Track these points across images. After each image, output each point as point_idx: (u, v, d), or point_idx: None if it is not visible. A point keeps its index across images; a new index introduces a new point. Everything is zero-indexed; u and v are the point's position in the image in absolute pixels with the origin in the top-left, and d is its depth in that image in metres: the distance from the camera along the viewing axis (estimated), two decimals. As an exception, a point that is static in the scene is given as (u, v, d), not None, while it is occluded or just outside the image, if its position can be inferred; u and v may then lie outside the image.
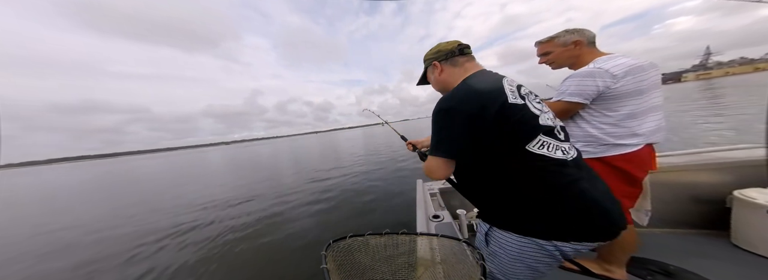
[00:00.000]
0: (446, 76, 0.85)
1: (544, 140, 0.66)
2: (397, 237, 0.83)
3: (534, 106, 0.70)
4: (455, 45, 0.85)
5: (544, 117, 0.69)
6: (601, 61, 1.06)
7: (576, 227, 0.63)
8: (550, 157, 0.65)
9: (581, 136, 1.15)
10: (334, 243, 0.76)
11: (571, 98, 1.07)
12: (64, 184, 17.68)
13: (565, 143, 0.71)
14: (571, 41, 1.16)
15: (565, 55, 1.20)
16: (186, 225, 4.50)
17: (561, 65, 1.25)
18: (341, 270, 0.72)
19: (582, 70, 1.08)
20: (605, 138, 1.10)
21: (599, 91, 1.03)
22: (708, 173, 1.43)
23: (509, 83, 0.72)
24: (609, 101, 1.06)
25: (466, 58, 0.85)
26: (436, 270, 0.78)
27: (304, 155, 17.22)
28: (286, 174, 9.43)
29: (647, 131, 1.08)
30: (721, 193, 1.37)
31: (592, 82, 1.03)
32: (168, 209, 5.94)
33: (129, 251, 3.60)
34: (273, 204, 5.15)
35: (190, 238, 3.86)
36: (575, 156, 0.71)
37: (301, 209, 4.58)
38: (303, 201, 5.13)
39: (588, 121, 1.13)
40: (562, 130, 0.75)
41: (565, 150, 0.69)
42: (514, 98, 0.67)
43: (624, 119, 1.07)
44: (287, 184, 7.21)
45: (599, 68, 1.04)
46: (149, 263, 3.13)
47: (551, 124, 0.70)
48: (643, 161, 1.10)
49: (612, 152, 1.10)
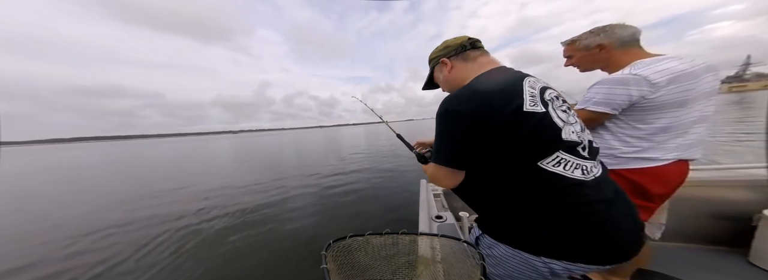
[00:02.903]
0: (458, 73, 0.75)
1: (563, 158, 0.56)
2: (397, 237, 0.83)
3: (558, 115, 0.59)
4: (465, 39, 0.75)
5: (568, 130, 0.58)
6: (642, 66, 0.90)
7: (572, 247, 0.57)
8: (566, 176, 0.56)
9: (601, 147, 1.01)
10: (335, 243, 0.77)
11: (597, 108, 0.94)
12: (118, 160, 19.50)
13: (589, 161, 0.60)
14: (595, 45, 1.00)
15: (588, 60, 1.05)
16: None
17: (588, 69, 1.11)
18: (341, 270, 0.74)
19: (614, 76, 0.93)
20: (627, 151, 0.96)
21: (631, 101, 0.89)
22: (736, 190, 1.39)
23: (531, 85, 0.60)
24: (643, 112, 0.91)
25: (480, 52, 0.74)
26: (436, 270, 0.79)
27: (317, 148, 17.42)
28: (301, 164, 9.75)
29: (683, 146, 0.93)
30: (747, 211, 1.33)
31: (624, 91, 0.89)
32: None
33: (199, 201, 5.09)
34: (271, 196, 5.26)
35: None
36: (598, 174, 0.61)
37: (302, 204, 4.65)
38: (307, 195, 5.21)
39: (613, 133, 0.99)
40: (589, 145, 0.63)
41: (586, 169, 0.59)
42: (532, 104, 0.56)
43: (657, 133, 0.93)
44: (293, 175, 7.38)
45: (636, 75, 0.88)
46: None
47: (576, 139, 0.59)
48: (669, 177, 0.97)
49: (629, 165, 0.97)
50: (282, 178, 7.19)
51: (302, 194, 5.35)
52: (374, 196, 4.82)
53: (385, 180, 6.03)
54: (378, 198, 4.67)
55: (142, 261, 2.89)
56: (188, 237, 3.44)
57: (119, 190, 7.16)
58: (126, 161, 17.59)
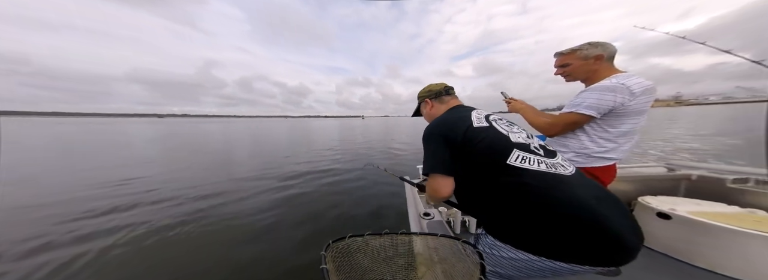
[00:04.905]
0: (435, 111, 1.04)
1: (521, 155, 0.71)
2: (396, 237, 0.82)
3: (502, 127, 0.80)
4: (442, 87, 1.06)
5: (514, 135, 0.78)
6: (623, 78, 1.04)
7: (574, 246, 0.59)
8: (534, 170, 0.68)
9: (576, 147, 1.16)
10: (334, 243, 0.76)
11: (587, 111, 1.06)
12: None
13: (548, 158, 0.74)
14: (593, 55, 1.12)
15: (583, 69, 1.17)
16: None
17: (576, 78, 1.22)
18: (341, 271, 0.72)
19: (604, 84, 1.06)
20: (598, 151, 1.12)
21: (614, 106, 1.02)
22: (623, 183, 1.85)
23: (477, 114, 0.86)
24: (616, 117, 1.06)
25: (450, 97, 1.04)
26: (435, 269, 0.78)
27: (273, 141, 13.78)
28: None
29: (626, 149, 1.13)
30: (628, 198, 1.77)
31: (612, 97, 1.02)
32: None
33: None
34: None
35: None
36: (574, 172, 0.73)
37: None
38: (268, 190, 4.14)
39: (588, 134, 1.13)
40: (542, 147, 0.79)
41: (550, 165, 0.71)
42: (479, 123, 0.80)
43: (619, 136, 1.10)
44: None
45: (622, 84, 1.01)
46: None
47: (524, 141, 0.77)
48: (612, 174, 1.18)
49: (596, 164, 1.14)
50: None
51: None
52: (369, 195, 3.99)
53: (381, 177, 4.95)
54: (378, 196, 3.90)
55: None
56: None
57: None
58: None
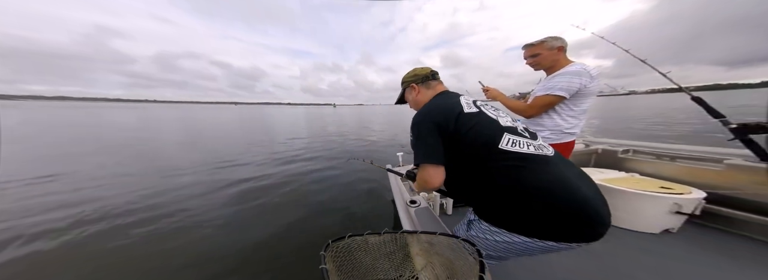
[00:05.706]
0: (421, 97, 0.98)
1: (511, 138, 0.73)
2: (396, 236, 0.82)
3: (490, 112, 0.81)
4: (428, 71, 1.00)
5: (502, 119, 0.79)
6: (581, 65, 1.24)
7: (563, 225, 0.63)
8: (524, 152, 0.70)
9: (551, 125, 1.34)
10: (334, 243, 0.75)
11: (560, 92, 1.23)
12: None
13: (534, 140, 0.77)
14: (557, 47, 1.29)
15: (549, 59, 1.33)
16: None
17: (543, 67, 1.37)
18: (341, 271, 0.71)
19: (571, 69, 1.24)
20: (567, 127, 1.32)
21: (579, 88, 1.21)
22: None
23: (466, 100, 0.86)
24: (579, 98, 1.26)
25: (437, 82, 1.00)
26: (435, 268, 0.78)
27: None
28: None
29: (583, 125, 1.35)
30: None
31: (579, 80, 1.20)
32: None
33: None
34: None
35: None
36: (554, 153, 0.77)
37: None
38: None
39: (558, 113, 1.31)
40: (526, 130, 0.82)
41: (536, 147, 0.74)
42: (469, 109, 0.79)
43: (581, 113, 1.31)
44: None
45: (585, 69, 1.21)
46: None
47: (511, 124, 0.79)
48: (571, 150, 1.41)
49: (566, 139, 1.34)
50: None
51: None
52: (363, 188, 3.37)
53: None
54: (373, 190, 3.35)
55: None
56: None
57: None
58: None
